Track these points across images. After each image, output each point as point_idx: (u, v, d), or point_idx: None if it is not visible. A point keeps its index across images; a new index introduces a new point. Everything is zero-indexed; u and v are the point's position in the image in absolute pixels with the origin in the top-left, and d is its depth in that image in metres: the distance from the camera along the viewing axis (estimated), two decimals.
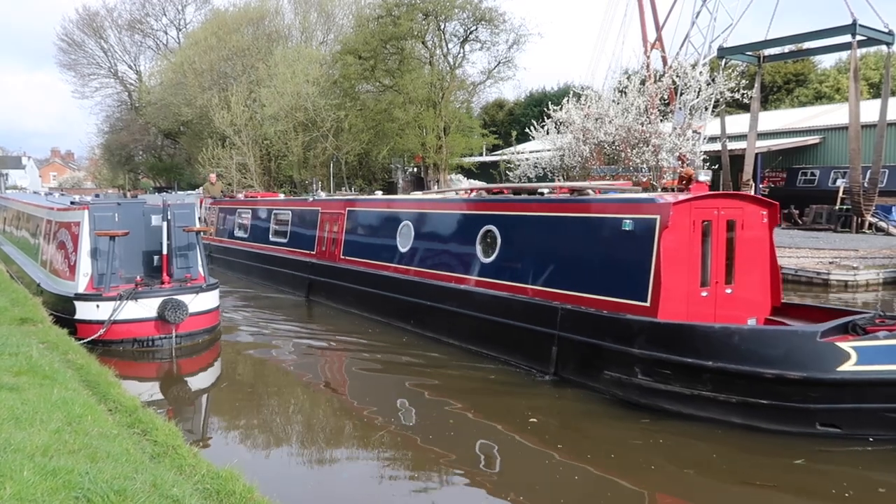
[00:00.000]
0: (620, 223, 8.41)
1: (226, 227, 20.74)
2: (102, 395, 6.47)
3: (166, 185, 58.77)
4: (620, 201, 8.79)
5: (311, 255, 15.36)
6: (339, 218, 14.49)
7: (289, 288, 15.98)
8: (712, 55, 24.72)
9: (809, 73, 46.18)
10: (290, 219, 16.69)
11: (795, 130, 32.69)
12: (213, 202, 22.56)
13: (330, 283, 14.38)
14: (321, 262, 14.88)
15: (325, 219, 15.12)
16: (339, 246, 14.27)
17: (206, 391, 9.19)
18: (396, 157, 38.91)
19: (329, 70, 37.07)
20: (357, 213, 14.21)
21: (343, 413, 8.12)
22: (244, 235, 19.16)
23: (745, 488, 5.91)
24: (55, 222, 12.43)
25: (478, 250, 10.57)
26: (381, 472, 6.32)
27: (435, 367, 9.71)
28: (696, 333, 7.43)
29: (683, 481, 6.12)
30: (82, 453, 4.39)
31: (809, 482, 6.07)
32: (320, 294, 14.72)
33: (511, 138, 36.79)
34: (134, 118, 58.56)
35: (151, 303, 10.43)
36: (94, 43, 58.49)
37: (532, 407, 7.82)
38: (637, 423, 7.28)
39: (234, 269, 19.29)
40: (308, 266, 15.27)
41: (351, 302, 13.47)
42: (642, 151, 20.14)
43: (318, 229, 15.25)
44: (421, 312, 11.49)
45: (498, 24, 32.10)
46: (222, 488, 4.50)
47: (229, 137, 38.71)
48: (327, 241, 14.81)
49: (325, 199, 16.01)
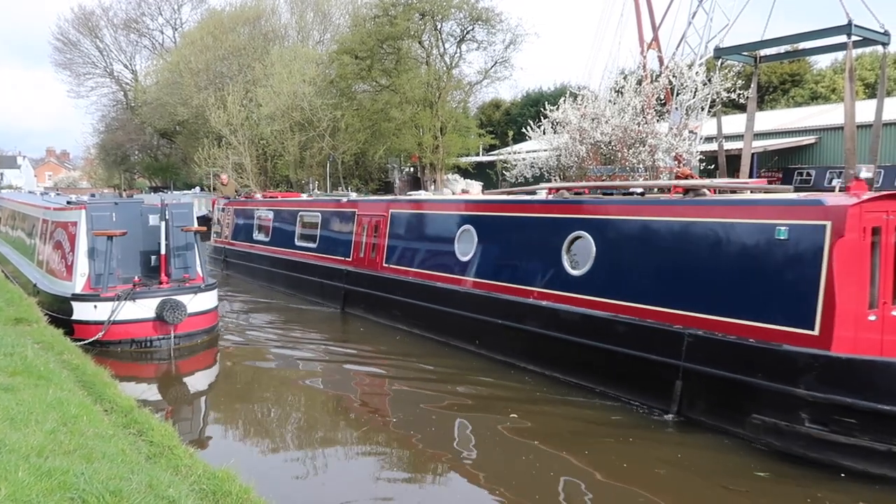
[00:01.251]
0: (772, 230, 6.90)
1: (243, 230, 19.22)
2: (98, 396, 6.44)
3: (162, 184, 58.65)
4: (771, 203, 7.25)
5: (346, 262, 13.98)
6: (382, 221, 13.01)
7: (318, 298, 14.76)
8: (709, 55, 24.74)
9: (805, 74, 46.27)
10: (320, 221, 15.32)
11: (791, 130, 32.75)
12: (227, 202, 21.19)
13: (370, 294, 13.02)
14: (359, 271, 13.49)
15: (364, 222, 13.68)
16: (382, 252, 12.85)
17: (204, 392, 9.17)
18: (393, 156, 38.91)
19: (325, 70, 37.02)
20: (404, 216, 12.68)
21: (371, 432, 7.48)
22: (265, 239, 17.76)
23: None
24: (52, 222, 12.37)
25: (564, 260, 8.99)
26: (378, 473, 6.30)
27: (515, 400, 8.07)
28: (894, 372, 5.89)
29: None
30: (78, 454, 4.37)
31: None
32: (358, 306, 13.44)
33: (508, 138, 36.75)
34: (130, 118, 58.36)
35: (150, 303, 10.40)
36: (90, 42, 58.30)
37: (660, 458, 6.36)
38: (813, 483, 5.70)
39: (255, 276, 17.94)
40: (343, 274, 13.89)
41: (397, 317, 12.15)
42: (639, 151, 20.13)
43: (355, 233, 13.86)
44: (490, 332, 9.92)
45: (494, 24, 32.13)
46: (218, 489, 4.49)
47: (225, 137, 38.63)
48: (366, 246, 13.40)
49: (363, 199, 14.68)
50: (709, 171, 24.53)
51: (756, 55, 26.09)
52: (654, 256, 8.00)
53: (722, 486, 5.84)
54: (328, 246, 14.84)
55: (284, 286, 16.25)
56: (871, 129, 23.55)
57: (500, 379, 8.83)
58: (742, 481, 5.89)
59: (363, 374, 9.85)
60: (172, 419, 7.70)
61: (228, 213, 20.50)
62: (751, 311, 6.88)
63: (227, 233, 20.16)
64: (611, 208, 8.77)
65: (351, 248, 13.95)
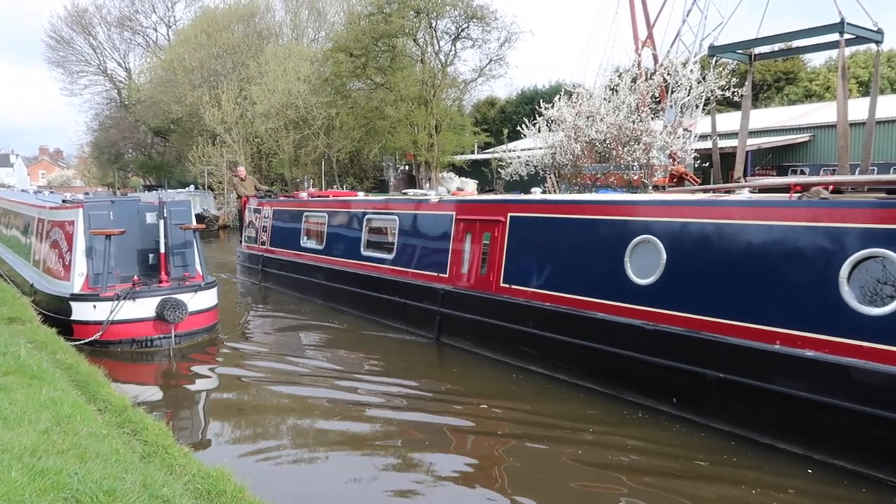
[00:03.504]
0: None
1: (286, 235, 16.09)
2: (92, 395, 6.42)
3: (156, 183, 58.52)
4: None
5: (440, 278, 10.99)
6: (497, 228, 9.98)
7: (399, 322, 11.83)
8: (703, 53, 24.78)
9: (799, 72, 46.44)
10: (398, 227, 12.28)
11: (785, 128, 32.87)
12: (261, 202, 18.02)
13: (481, 322, 9.98)
14: (462, 292, 10.43)
15: (467, 228, 10.66)
16: (498, 268, 9.84)
17: (203, 391, 9.12)
18: (388, 155, 38.89)
19: (320, 68, 36.97)
20: (535, 222, 9.59)
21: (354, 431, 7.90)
22: (317, 247, 14.75)
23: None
24: (48, 221, 12.28)
25: (846, 293, 6.00)
26: (373, 473, 6.29)
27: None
28: None
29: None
30: (71, 453, 4.35)
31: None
32: (461, 336, 10.44)
33: (503, 136, 36.82)
34: (123, 116, 58.20)
35: (150, 302, 10.32)
36: (83, 40, 58.09)
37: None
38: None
39: (304, 291, 14.95)
40: (437, 295, 10.86)
41: (529, 356, 9.10)
42: (633, 149, 20.18)
43: (453, 243, 10.83)
44: (699, 388, 6.94)
45: (489, 22, 32.17)
46: (213, 488, 4.48)
47: (220, 135, 38.56)
48: (473, 260, 10.43)
49: (461, 199, 11.57)
50: (703, 169, 24.61)
51: (751, 53, 26.13)
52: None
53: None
54: (411, 258, 11.81)
55: (349, 305, 13.30)
56: (864, 126, 23.63)
57: (747, 467, 5.93)
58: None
59: (465, 431, 7.31)
60: (170, 419, 7.68)
61: (265, 214, 17.30)
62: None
63: (263, 238, 17.00)
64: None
65: (447, 261, 10.89)
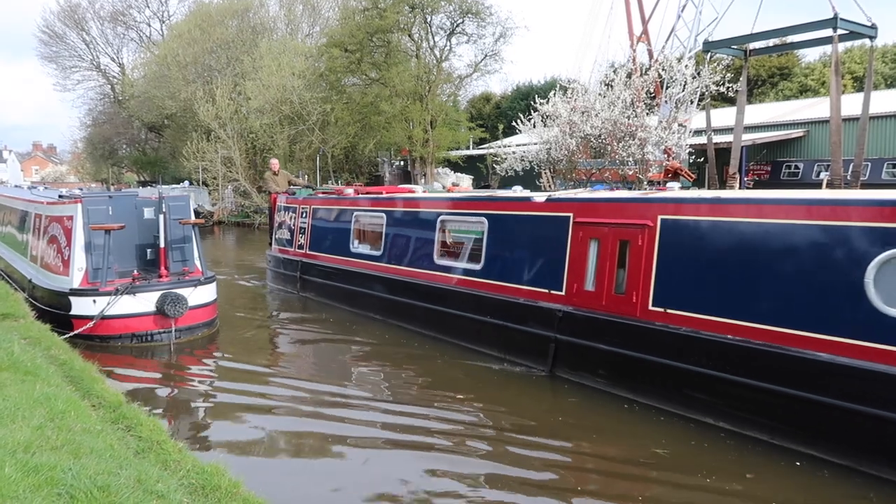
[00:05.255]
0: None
1: (331, 238, 13.97)
2: (86, 391, 6.40)
3: (151, 178, 58.34)
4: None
5: (554, 296, 8.79)
6: (641, 235, 7.81)
7: (494, 349, 9.56)
8: (698, 49, 24.82)
9: (794, 67, 46.55)
10: (487, 231, 10.03)
11: (780, 124, 32.94)
12: (291, 199, 15.77)
13: (621, 355, 7.84)
14: (589, 314, 8.31)
15: (592, 234, 8.49)
16: (643, 287, 7.72)
17: (201, 386, 9.10)
18: (383, 150, 38.85)
19: (315, 63, 36.89)
20: (700, 228, 7.31)
21: (346, 410, 7.79)
22: (373, 252, 12.51)
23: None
24: (45, 216, 12.24)
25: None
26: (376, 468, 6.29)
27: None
28: None
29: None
30: (65, 449, 4.34)
31: None
32: (592, 371, 8.23)
33: (498, 132, 36.82)
34: (117, 111, 58.01)
35: (150, 297, 10.32)
36: (76, 35, 57.80)
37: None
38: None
39: (356, 304, 12.69)
40: (552, 317, 8.71)
41: (699, 403, 7.00)
42: (628, 145, 20.20)
43: (571, 253, 8.69)
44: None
45: (484, 17, 32.15)
46: (208, 483, 4.48)
47: (214, 131, 38.45)
48: (603, 275, 8.26)
49: (585, 198, 9.09)
50: (698, 165, 24.67)
51: (746, 48, 26.19)
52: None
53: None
54: (509, 269, 9.62)
55: (417, 323, 11.10)
56: (858, 122, 23.71)
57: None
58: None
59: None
60: (168, 414, 7.67)
61: (302, 214, 15.02)
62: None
63: (301, 241, 14.84)
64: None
65: (562, 274, 8.76)
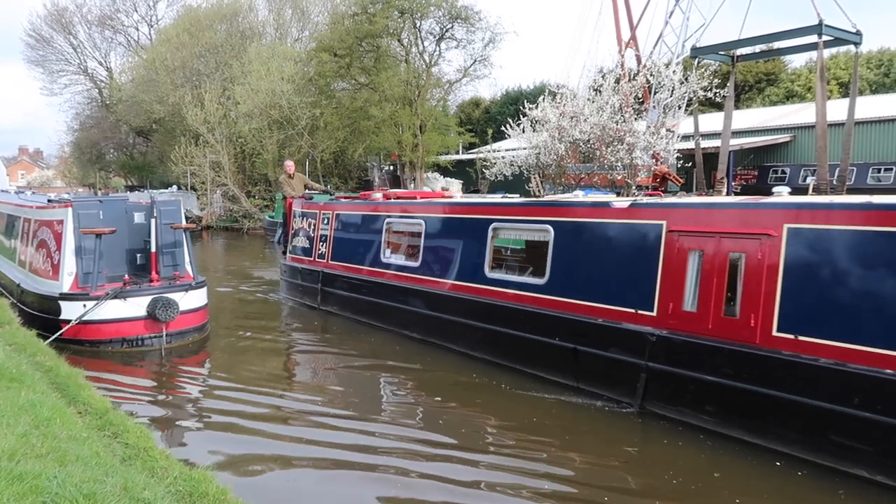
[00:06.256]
0: None
1: (357, 247, 12.81)
2: (72, 398, 6.34)
3: (138, 183, 58.03)
4: None
5: (641, 317, 7.60)
6: (760, 247, 6.66)
7: (563, 376, 8.34)
8: (685, 54, 25.00)
9: (780, 73, 46.97)
10: (553, 240, 8.79)
11: (767, 129, 33.22)
12: (310, 204, 14.64)
13: (739, 391, 6.59)
14: (689, 339, 7.08)
15: (692, 245, 7.26)
16: (765, 309, 6.54)
17: (191, 392, 9.04)
18: (372, 155, 38.83)
19: (304, 67, 36.85)
20: (843, 239, 6.17)
21: (335, 419, 7.77)
22: (409, 263, 11.36)
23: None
24: (35, 220, 12.16)
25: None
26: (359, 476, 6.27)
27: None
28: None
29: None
30: (50, 457, 4.30)
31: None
32: (695, 408, 6.96)
33: (487, 136, 36.90)
34: (105, 116, 57.68)
35: (141, 301, 10.27)
36: (63, 39, 57.48)
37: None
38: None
39: (391, 320, 11.49)
40: (641, 341, 7.47)
41: (842, 451, 5.87)
42: (617, 150, 20.25)
43: (666, 264, 7.47)
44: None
45: (473, 23, 32.25)
46: (195, 490, 4.44)
47: (202, 135, 38.30)
48: (710, 293, 7.01)
49: (679, 203, 8.08)
50: (686, 169, 24.81)
51: (733, 54, 26.40)
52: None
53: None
54: (581, 284, 8.38)
55: (466, 344, 9.87)
56: (843, 127, 23.94)
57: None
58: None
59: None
60: (156, 420, 7.60)
61: (323, 220, 13.83)
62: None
63: (322, 249, 13.71)
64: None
65: (653, 291, 7.55)
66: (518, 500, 5.59)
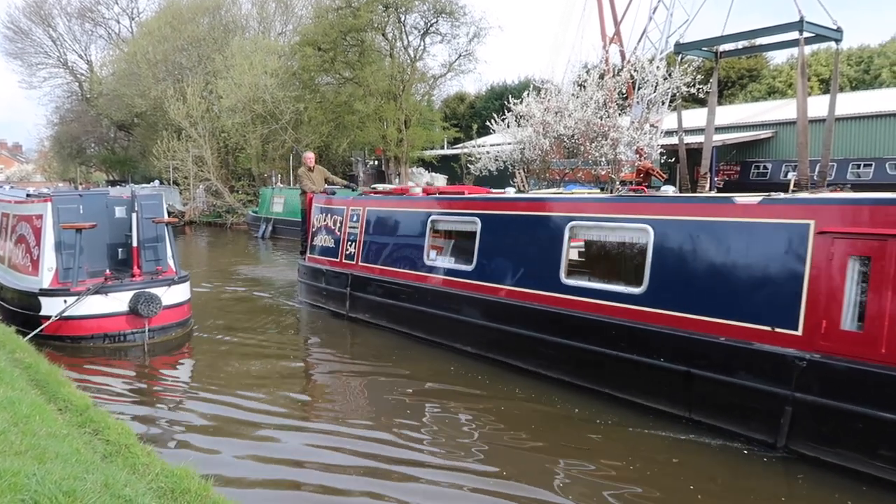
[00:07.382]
0: None
1: (392, 248, 11.46)
2: (52, 395, 6.28)
3: (120, 178, 57.43)
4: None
5: (781, 337, 6.22)
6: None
7: (670, 405, 7.02)
8: (669, 50, 25.13)
9: (762, 69, 47.37)
10: (653, 242, 7.44)
11: (749, 125, 33.49)
12: (335, 199, 13.27)
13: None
14: (854, 366, 5.71)
15: (856, 250, 5.90)
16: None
17: (174, 388, 8.97)
18: (357, 149, 38.70)
19: (288, 62, 36.62)
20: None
21: (321, 413, 7.93)
22: (459, 267, 9.97)
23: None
24: (13, 215, 12.00)
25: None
26: (345, 471, 6.27)
27: None
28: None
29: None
30: (29, 454, 4.25)
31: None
32: (858, 450, 5.63)
33: (472, 131, 36.87)
34: (85, 109, 56.94)
35: (122, 296, 10.18)
36: (42, 31, 56.55)
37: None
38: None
39: (438, 332, 10.11)
40: (784, 367, 6.10)
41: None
42: (601, 145, 20.35)
43: (814, 273, 6.13)
44: None
45: (458, 17, 32.19)
46: (177, 486, 4.42)
47: (185, 129, 37.98)
48: (882, 309, 5.65)
49: (835, 198, 6.51)
50: (669, 165, 24.98)
51: (716, 50, 26.58)
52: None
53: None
54: (694, 294, 7.04)
55: (538, 363, 8.51)
56: (824, 123, 24.19)
57: None
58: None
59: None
60: (137, 417, 7.54)
61: (350, 216, 12.59)
62: None
63: (350, 250, 12.40)
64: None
65: (798, 306, 6.19)
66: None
